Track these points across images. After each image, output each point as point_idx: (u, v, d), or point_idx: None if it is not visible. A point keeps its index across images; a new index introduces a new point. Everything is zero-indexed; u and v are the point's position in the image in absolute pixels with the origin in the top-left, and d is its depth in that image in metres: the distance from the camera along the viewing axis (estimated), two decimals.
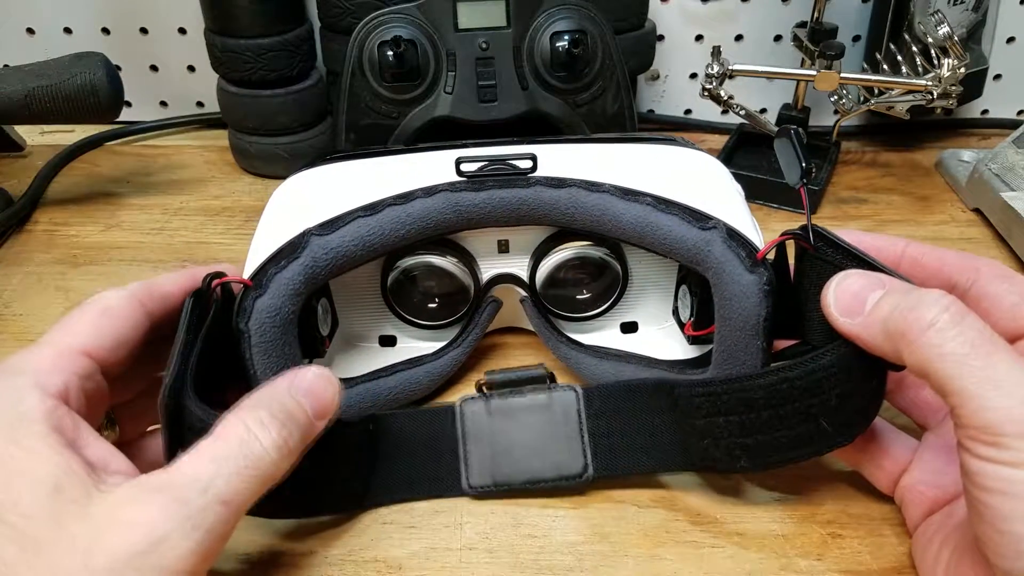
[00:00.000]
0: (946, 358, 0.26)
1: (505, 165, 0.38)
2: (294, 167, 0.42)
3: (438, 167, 0.38)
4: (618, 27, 0.57)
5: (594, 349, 0.42)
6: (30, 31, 0.70)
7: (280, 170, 0.61)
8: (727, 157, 0.63)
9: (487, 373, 0.37)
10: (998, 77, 0.69)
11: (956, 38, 0.54)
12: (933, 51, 0.56)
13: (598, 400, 0.37)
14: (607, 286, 0.43)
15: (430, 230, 0.38)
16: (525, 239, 0.42)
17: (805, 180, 0.35)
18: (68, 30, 0.69)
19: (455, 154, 0.38)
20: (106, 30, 0.69)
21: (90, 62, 0.54)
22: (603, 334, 0.44)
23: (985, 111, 0.72)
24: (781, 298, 0.34)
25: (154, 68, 0.71)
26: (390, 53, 0.50)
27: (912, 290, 0.28)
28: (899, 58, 0.59)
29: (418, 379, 0.41)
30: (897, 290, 0.29)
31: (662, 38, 0.68)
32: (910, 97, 0.57)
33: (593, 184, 0.38)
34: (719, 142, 0.66)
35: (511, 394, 0.37)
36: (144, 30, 0.69)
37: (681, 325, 0.42)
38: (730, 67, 0.57)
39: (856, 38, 0.68)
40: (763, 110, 0.71)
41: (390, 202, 0.37)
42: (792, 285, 0.35)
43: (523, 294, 0.42)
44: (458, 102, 0.52)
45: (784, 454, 0.32)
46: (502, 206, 0.38)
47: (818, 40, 0.60)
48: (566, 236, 0.41)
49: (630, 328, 0.45)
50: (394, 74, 0.51)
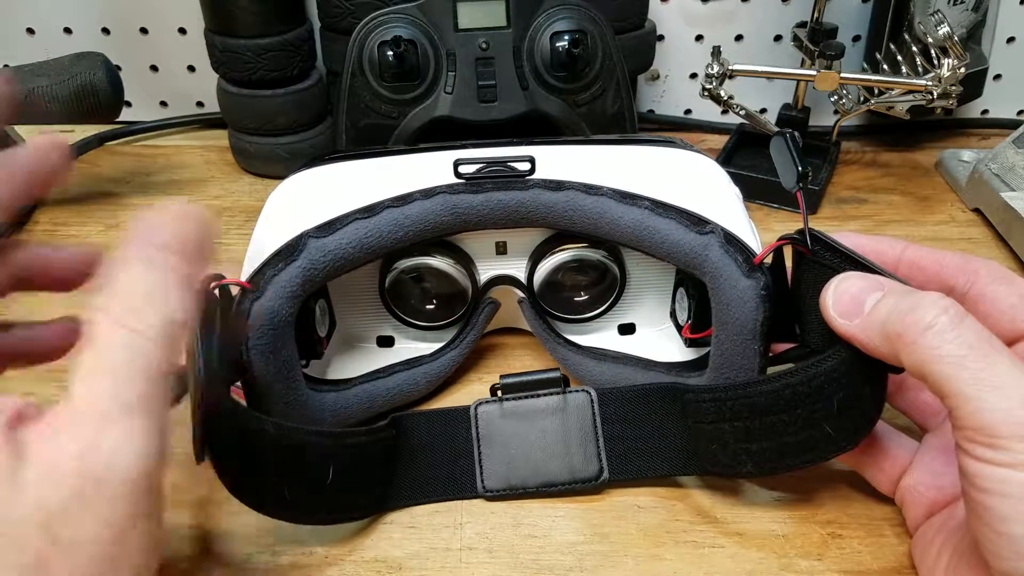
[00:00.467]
0: (944, 360, 0.26)
1: (503, 167, 0.38)
2: (294, 167, 0.42)
3: (436, 168, 0.38)
4: (618, 27, 0.57)
5: (592, 351, 0.42)
6: (30, 31, 0.70)
7: (280, 170, 0.61)
8: (727, 157, 0.63)
9: (501, 376, 0.37)
10: (998, 77, 0.69)
11: (956, 38, 0.54)
12: (933, 51, 0.56)
13: (612, 403, 0.37)
14: (605, 288, 0.43)
15: (428, 232, 0.38)
16: (523, 241, 0.42)
17: (801, 184, 0.35)
18: (68, 30, 0.69)
19: (453, 155, 0.38)
20: (106, 30, 0.69)
21: (90, 62, 0.54)
22: (600, 335, 0.44)
23: (985, 111, 0.71)
24: (779, 302, 0.34)
25: (154, 68, 0.71)
26: (390, 53, 0.50)
27: (910, 292, 0.28)
28: (899, 58, 0.59)
29: (416, 380, 0.41)
30: (895, 292, 0.29)
31: (662, 38, 0.68)
32: (910, 97, 0.57)
33: (591, 187, 0.38)
34: (719, 142, 0.66)
35: (525, 397, 0.37)
36: (144, 30, 0.69)
37: (679, 327, 0.42)
38: (730, 67, 0.57)
39: (856, 38, 0.68)
40: (763, 110, 0.71)
41: (388, 204, 0.37)
42: (790, 289, 0.35)
43: (521, 295, 0.42)
44: (458, 102, 0.52)
45: (789, 459, 0.32)
46: (500, 208, 0.38)
47: (818, 40, 0.60)
48: (564, 238, 0.41)
49: (628, 330, 0.45)
50: (394, 74, 0.51)
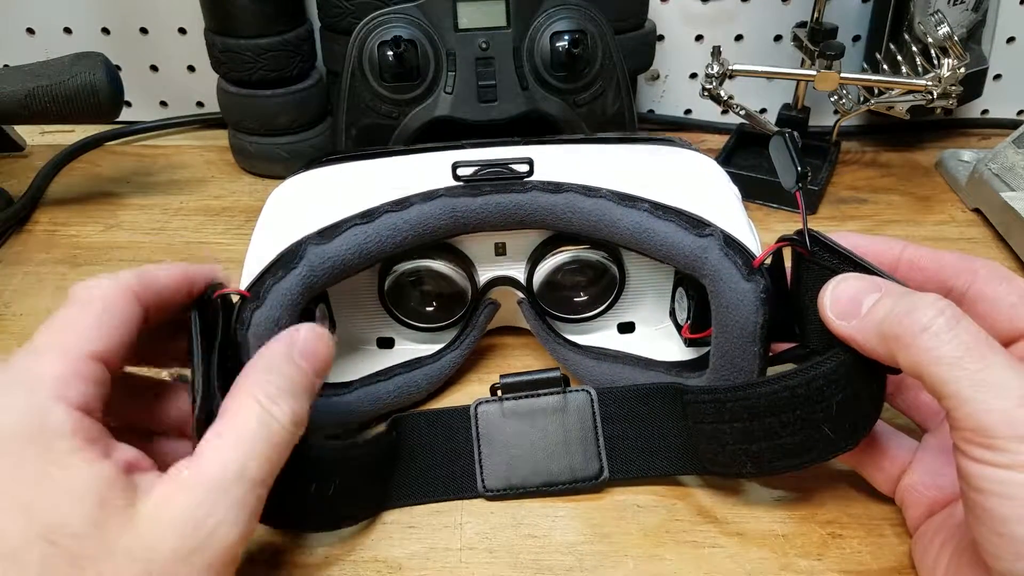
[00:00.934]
0: (941, 361, 0.26)
1: (501, 169, 0.38)
2: (294, 167, 0.42)
3: (435, 170, 0.38)
4: (618, 27, 0.57)
5: (591, 350, 0.42)
6: (30, 31, 0.70)
7: (280, 170, 0.61)
8: (727, 157, 0.63)
9: (501, 376, 0.37)
10: (998, 77, 0.69)
11: (956, 38, 0.54)
12: (933, 51, 0.56)
13: (612, 403, 0.37)
14: (604, 288, 0.43)
15: (427, 236, 0.38)
16: (522, 242, 0.42)
17: (801, 184, 0.35)
18: (68, 30, 0.69)
19: (452, 156, 0.38)
20: (106, 30, 0.69)
21: (90, 62, 0.54)
22: (600, 335, 0.44)
23: (985, 111, 0.72)
24: (778, 303, 0.34)
25: (154, 68, 0.71)
26: (390, 53, 0.50)
27: (908, 293, 0.28)
28: (899, 58, 0.59)
29: (416, 382, 0.41)
30: (893, 293, 0.29)
31: (662, 38, 0.68)
32: (910, 97, 0.57)
33: (590, 189, 0.38)
34: (719, 142, 0.66)
35: (525, 396, 0.37)
36: (144, 30, 0.69)
37: (678, 327, 0.42)
38: (730, 67, 0.57)
39: (856, 38, 0.68)
40: (763, 110, 0.71)
41: (387, 208, 0.37)
42: (789, 289, 0.35)
43: (520, 296, 0.42)
44: (458, 102, 0.52)
45: (788, 460, 0.32)
46: (499, 211, 0.38)
47: (818, 40, 0.60)
48: (563, 239, 0.41)
49: (627, 329, 0.45)
50: (394, 74, 0.51)
